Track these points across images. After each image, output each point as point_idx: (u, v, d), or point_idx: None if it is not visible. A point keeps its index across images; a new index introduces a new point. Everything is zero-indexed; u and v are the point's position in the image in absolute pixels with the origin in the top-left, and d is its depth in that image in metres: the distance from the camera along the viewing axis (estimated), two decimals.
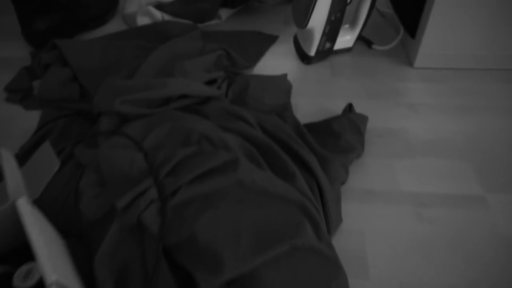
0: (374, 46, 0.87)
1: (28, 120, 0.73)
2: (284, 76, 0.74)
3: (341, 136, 0.61)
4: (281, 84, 0.72)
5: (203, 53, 0.76)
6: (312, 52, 0.81)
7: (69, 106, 0.73)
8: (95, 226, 0.51)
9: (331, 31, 0.79)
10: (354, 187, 0.59)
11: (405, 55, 0.85)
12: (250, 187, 0.48)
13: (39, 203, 0.52)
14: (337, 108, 0.71)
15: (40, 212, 0.48)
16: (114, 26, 0.99)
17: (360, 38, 0.85)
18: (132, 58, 0.80)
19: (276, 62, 0.84)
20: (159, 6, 0.95)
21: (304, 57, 0.83)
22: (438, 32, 0.75)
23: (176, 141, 0.54)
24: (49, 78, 0.78)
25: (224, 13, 0.98)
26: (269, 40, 0.90)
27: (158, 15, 0.92)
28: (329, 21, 0.76)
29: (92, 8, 0.97)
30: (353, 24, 0.83)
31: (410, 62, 0.83)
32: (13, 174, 0.47)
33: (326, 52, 0.83)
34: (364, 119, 0.65)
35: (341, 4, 0.75)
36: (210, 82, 0.70)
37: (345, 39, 0.84)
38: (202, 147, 0.52)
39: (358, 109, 0.69)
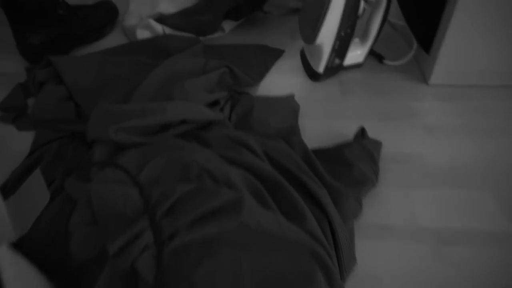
0: (385, 61, 0.81)
1: (21, 141, 0.68)
2: (291, 97, 0.68)
3: (353, 166, 0.56)
4: (287, 105, 0.67)
5: (205, 71, 0.71)
6: (321, 69, 0.75)
7: (64, 127, 0.68)
8: (86, 269, 0.46)
9: (341, 47, 0.73)
10: (368, 222, 0.54)
11: (419, 71, 0.79)
12: (255, 231, 0.43)
13: (28, 236, 0.48)
14: (348, 130, 0.66)
15: (24, 259, 0.43)
16: (113, 39, 0.94)
17: (371, 53, 0.79)
18: (131, 76, 0.75)
19: (282, 78, 0.79)
20: (160, 19, 0.90)
21: (311, 74, 0.78)
22: (456, 47, 0.70)
23: (174, 175, 0.49)
24: (43, 97, 0.73)
25: (227, 25, 0.92)
26: (275, 54, 0.85)
27: (159, 28, 0.87)
28: (339, 37, 0.71)
29: (90, 21, 0.92)
30: (363, 38, 0.77)
31: (424, 79, 0.77)
32: None
33: (335, 68, 0.77)
34: (378, 145, 0.60)
35: (352, 19, 0.70)
36: (213, 103, 0.65)
37: (355, 54, 0.78)
38: (203, 184, 0.47)
39: (370, 131, 0.64)
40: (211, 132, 0.57)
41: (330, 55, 0.73)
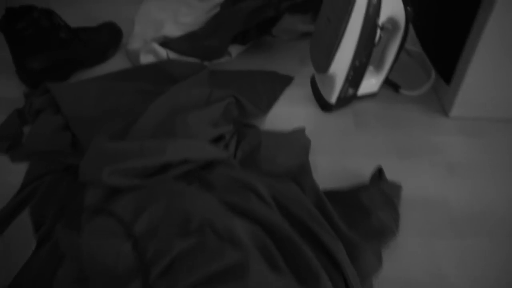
0: (402, 91, 0.76)
1: (15, 171, 0.63)
2: (302, 131, 0.63)
3: (371, 213, 0.50)
4: (298, 141, 0.62)
5: (210, 101, 0.66)
6: (333, 99, 0.70)
7: (59, 160, 0.63)
8: None
9: (355, 77, 0.68)
10: (388, 277, 0.48)
11: (438, 102, 0.73)
12: None
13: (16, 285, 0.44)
14: (364, 168, 0.60)
15: None
16: (116, 62, 0.90)
17: (386, 82, 0.74)
18: (131, 105, 0.71)
19: (291, 108, 0.73)
20: (164, 43, 0.86)
21: (323, 104, 0.73)
22: (480, 78, 0.64)
23: (172, 227, 0.43)
24: (38, 127, 0.69)
25: (235, 49, 0.88)
26: (284, 81, 0.80)
27: (163, 53, 0.83)
28: (353, 67, 0.66)
29: (93, 44, 0.88)
30: (379, 66, 0.72)
31: (444, 111, 0.71)
32: None
33: (348, 99, 0.72)
34: (397, 189, 0.54)
35: (368, 48, 0.65)
36: (217, 138, 0.60)
37: (370, 83, 0.73)
38: (204, 239, 0.41)
39: (387, 170, 0.58)
40: (214, 172, 0.52)
41: (343, 86, 0.68)
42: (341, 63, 0.65)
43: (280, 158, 0.58)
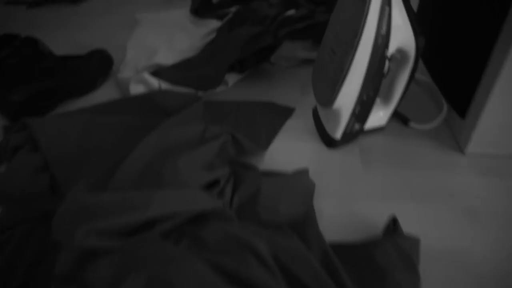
0: (411, 124, 0.69)
1: None
2: (305, 173, 0.56)
3: (387, 275, 0.43)
4: (301, 185, 0.55)
5: (204, 140, 0.59)
6: (338, 135, 0.64)
7: (35, 206, 0.57)
8: None
9: (362, 111, 0.62)
10: None
11: (452, 137, 0.67)
12: None
13: None
14: (374, 215, 0.54)
15: None
16: (105, 92, 0.84)
17: (394, 114, 0.68)
18: (118, 142, 0.64)
19: (292, 144, 0.67)
20: (156, 73, 0.80)
21: (327, 140, 0.66)
22: (500, 113, 0.58)
23: None
24: (14, 167, 0.61)
25: (231, 78, 0.82)
26: (284, 113, 0.74)
27: (155, 83, 0.77)
28: (360, 101, 0.60)
29: (81, 73, 0.82)
30: (387, 99, 0.66)
31: (459, 147, 0.65)
32: None
33: (354, 134, 0.66)
34: (415, 244, 0.47)
35: (376, 81, 0.59)
36: (211, 183, 0.53)
37: (377, 116, 0.67)
38: None
39: (401, 217, 0.51)
40: (207, 228, 0.45)
41: (349, 121, 0.62)
42: (347, 97, 0.59)
43: (282, 206, 0.52)
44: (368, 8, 0.52)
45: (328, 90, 0.60)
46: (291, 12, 1.00)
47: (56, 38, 1.07)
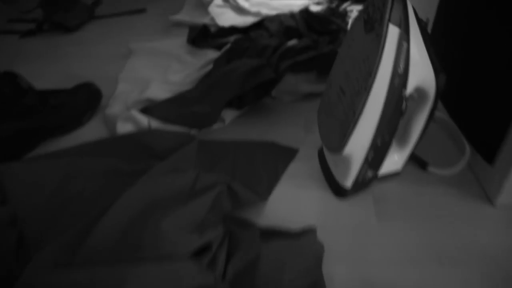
0: (430, 169, 0.61)
1: None
2: (312, 234, 0.48)
3: None
4: (308, 249, 0.46)
5: (195, 192, 0.51)
6: (348, 183, 0.56)
7: None
8: None
9: (376, 158, 0.54)
10: None
11: (478, 184, 0.59)
12: None
13: None
14: (395, 283, 0.45)
15: None
16: (92, 129, 0.77)
17: (411, 157, 0.60)
18: (99, 190, 0.56)
19: (296, 192, 0.59)
20: (146, 109, 0.73)
21: (336, 188, 0.58)
22: None
23: None
24: None
25: (228, 115, 0.75)
26: (287, 155, 0.66)
27: (144, 121, 0.69)
28: (374, 146, 0.52)
29: (66, 110, 0.75)
30: (403, 141, 0.58)
31: (488, 197, 0.57)
32: None
33: (367, 182, 0.58)
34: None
35: (392, 125, 0.51)
36: (202, 248, 0.45)
37: (392, 160, 0.59)
38: None
39: (427, 284, 0.43)
40: None
41: (361, 168, 0.54)
42: (359, 143, 0.51)
43: (286, 277, 0.43)
44: (384, 44, 0.45)
45: (337, 134, 0.52)
46: (292, 42, 0.94)
47: (47, 69, 1.01)
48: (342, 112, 0.51)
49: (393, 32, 0.45)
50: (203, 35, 1.05)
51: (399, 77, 0.47)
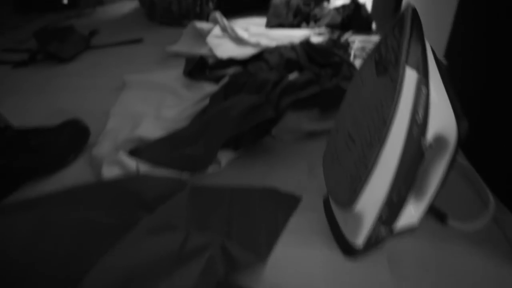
0: (450, 222, 0.54)
1: None
2: None
3: None
4: None
5: (184, 256, 0.44)
6: (359, 242, 0.48)
7: None
8: None
9: (391, 215, 0.47)
10: None
11: (506, 241, 0.52)
12: None
13: None
14: None
15: None
16: (77, 170, 0.70)
17: (429, 210, 0.53)
18: (76, 247, 0.49)
19: (300, 251, 0.51)
20: (136, 150, 0.67)
21: (345, 246, 0.51)
22: None
23: None
24: None
25: (224, 156, 0.68)
26: (289, 205, 0.59)
27: (132, 165, 0.63)
28: (388, 202, 0.45)
29: (48, 150, 0.69)
30: (419, 192, 0.52)
31: None
32: None
33: (380, 240, 0.50)
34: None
35: (409, 179, 0.44)
36: None
37: (408, 214, 0.52)
38: None
39: None
40: None
41: (374, 226, 0.47)
42: (372, 199, 0.44)
43: None
44: (400, 89, 0.39)
45: (346, 188, 0.45)
46: (293, 75, 0.89)
47: (36, 101, 0.96)
48: (352, 163, 0.45)
49: (410, 77, 0.39)
50: (200, 67, 1.00)
51: (418, 126, 0.41)
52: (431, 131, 0.43)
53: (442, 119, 0.43)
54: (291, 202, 0.59)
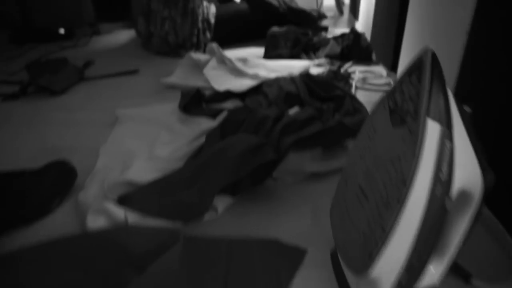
0: (474, 282, 0.48)
1: None
2: None
3: None
4: None
5: None
6: None
7: None
8: None
9: (411, 280, 0.41)
10: None
11: None
12: None
13: None
14: None
15: None
16: (61, 217, 0.64)
17: (451, 268, 0.47)
18: None
19: None
20: (125, 198, 0.61)
21: None
22: None
23: None
24: None
25: (221, 203, 0.63)
26: (293, 260, 0.53)
27: (119, 214, 0.57)
28: (408, 268, 0.39)
29: (30, 195, 0.63)
30: (441, 250, 0.46)
31: None
32: None
33: None
34: None
35: (431, 241, 0.39)
36: None
37: (428, 272, 0.46)
38: None
39: None
40: None
41: None
42: (390, 264, 0.38)
43: None
44: (422, 144, 0.34)
45: (358, 249, 0.40)
46: (293, 110, 0.84)
47: (24, 138, 0.91)
48: (365, 221, 0.39)
49: (433, 129, 0.34)
50: (196, 101, 0.96)
51: (442, 184, 0.35)
52: (455, 188, 0.38)
53: (467, 172, 0.38)
54: (296, 256, 0.53)
